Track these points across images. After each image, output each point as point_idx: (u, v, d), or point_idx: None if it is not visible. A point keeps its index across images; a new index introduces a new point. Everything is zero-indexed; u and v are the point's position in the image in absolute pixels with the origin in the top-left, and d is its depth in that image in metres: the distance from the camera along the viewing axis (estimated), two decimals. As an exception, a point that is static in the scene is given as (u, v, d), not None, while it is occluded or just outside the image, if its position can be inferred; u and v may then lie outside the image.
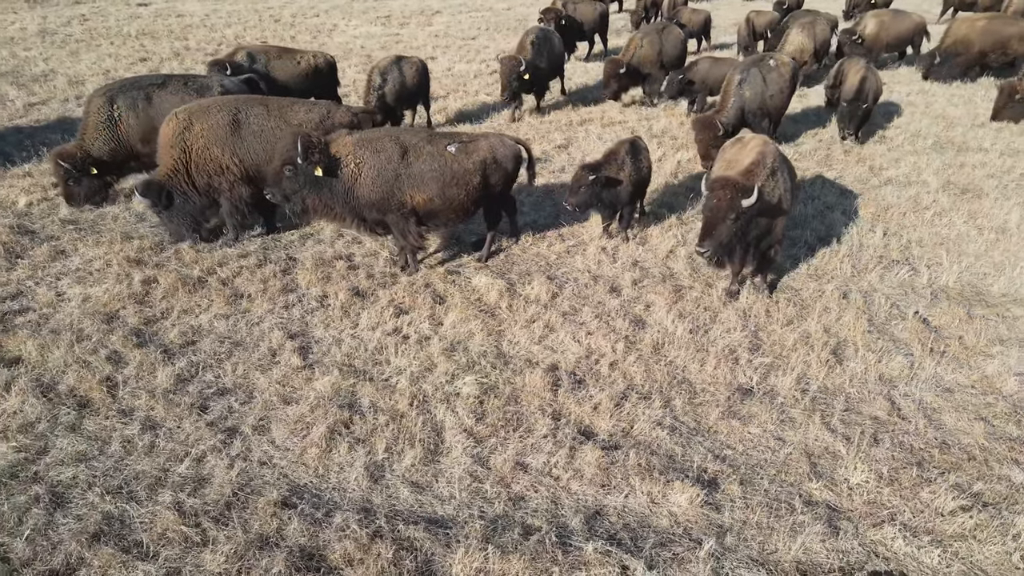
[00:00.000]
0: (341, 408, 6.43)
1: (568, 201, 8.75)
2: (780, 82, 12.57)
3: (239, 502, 5.48)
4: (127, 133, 9.99)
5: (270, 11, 29.60)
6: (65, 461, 5.84)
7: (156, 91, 10.22)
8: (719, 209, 7.00)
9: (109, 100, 9.93)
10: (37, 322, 7.67)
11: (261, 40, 23.34)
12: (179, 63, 19.92)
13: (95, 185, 10.24)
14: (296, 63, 13.39)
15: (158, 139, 9.17)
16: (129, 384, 6.77)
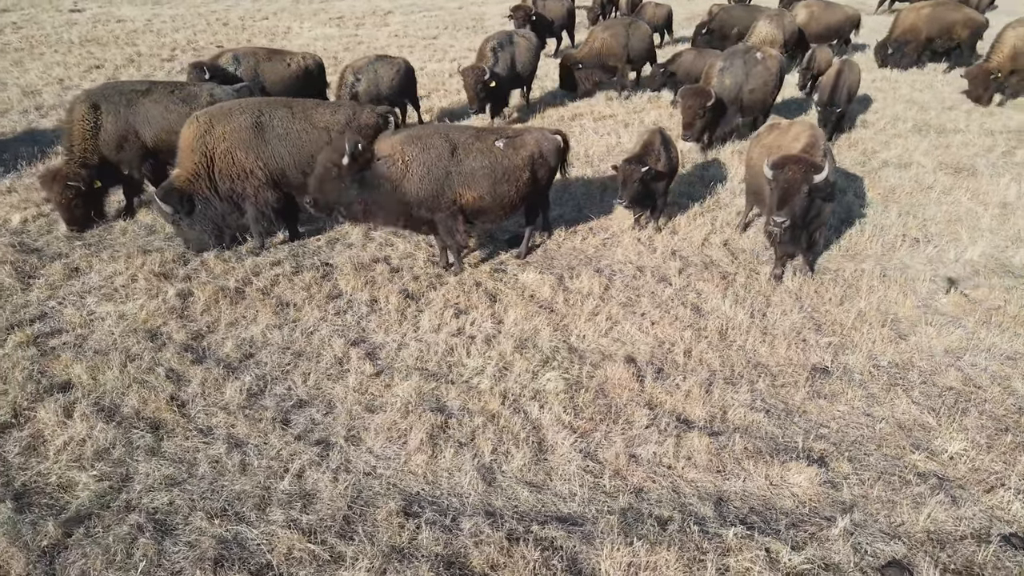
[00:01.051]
0: (432, 412, 6.25)
1: (622, 197, 8.75)
2: (765, 75, 12.50)
3: (357, 515, 5.27)
4: (104, 140, 9.47)
5: (215, 14, 28.62)
6: (155, 487, 5.50)
7: (140, 98, 9.70)
8: (794, 182, 7.16)
9: (93, 106, 9.38)
10: (75, 344, 7.21)
11: (216, 44, 22.56)
12: (136, 69, 19.09)
13: (97, 200, 9.69)
14: (287, 65, 12.89)
15: (178, 143, 8.72)
16: (198, 402, 6.43)
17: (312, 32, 25.36)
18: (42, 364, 6.85)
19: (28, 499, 5.36)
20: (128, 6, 30.31)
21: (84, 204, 9.39)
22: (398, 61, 13.47)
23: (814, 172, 7.18)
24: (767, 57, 12.61)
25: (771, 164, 7.37)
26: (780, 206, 7.27)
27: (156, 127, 9.71)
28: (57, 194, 9.21)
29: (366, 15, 29.19)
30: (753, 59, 12.47)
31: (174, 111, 9.82)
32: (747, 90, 12.33)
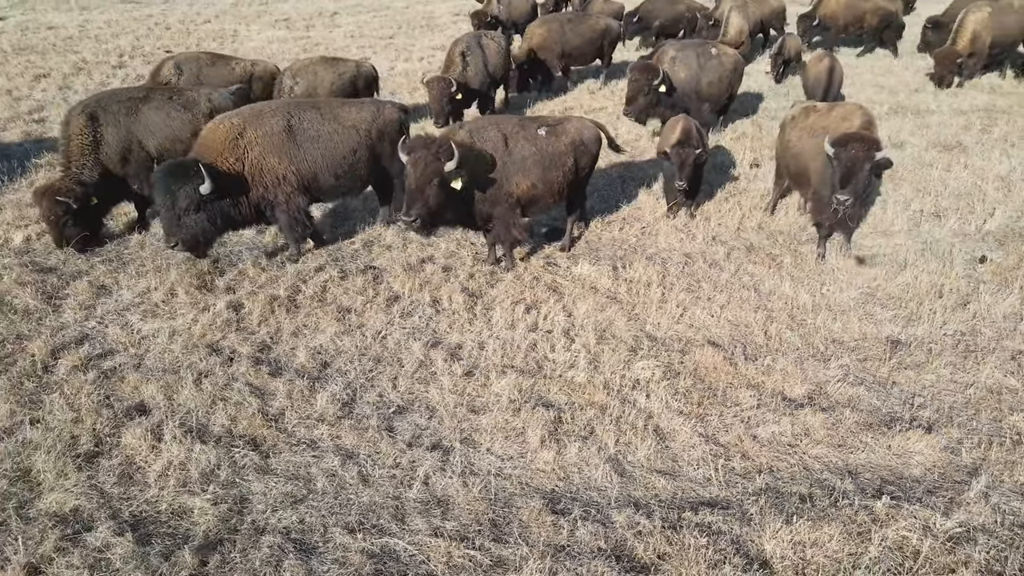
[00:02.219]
0: (542, 408, 6.14)
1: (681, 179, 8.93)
2: (720, 71, 12.41)
3: (501, 518, 5.12)
4: (107, 153, 8.88)
5: (151, 19, 27.41)
6: (277, 505, 5.21)
7: (140, 106, 9.16)
8: (857, 160, 7.32)
9: (91, 118, 8.80)
10: (134, 364, 6.77)
11: (164, 49, 21.62)
12: (87, 77, 18.12)
13: (93, 219, 9.01)
14: (231, 70, 12.00)
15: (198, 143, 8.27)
16: (291, 415, 6.13)
17: (261, 35, 24.58)
18: (108, 387, 6.40)
19: (145, 530, 5.00)
20: (54, 13, 28.73)
21: (76, 223, 8.67)
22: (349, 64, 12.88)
23: (876, 149, 7.37)
24: (723, 54, 12.59)
25: (833, 142, 7.52)
26: (844, 184, 7.44)
27: (160, 136, 9.20)
28: (46, 210, 8.51)
29: (312, 16, 28.51)
30: (708, 54, 12.37)
31: (176, 118, 9.34)
32: (704, 82, 12.25)
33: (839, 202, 7.54)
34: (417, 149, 7.13)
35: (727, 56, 12.66)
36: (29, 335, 7.19)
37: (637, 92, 11.32)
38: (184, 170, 7.56)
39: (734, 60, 12.79)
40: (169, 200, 7.49)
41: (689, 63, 12.12)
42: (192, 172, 7.51)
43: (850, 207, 7.65)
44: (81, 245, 8.82)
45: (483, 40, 14.10)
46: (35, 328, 7.31)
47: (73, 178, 8.68)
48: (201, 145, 8.08)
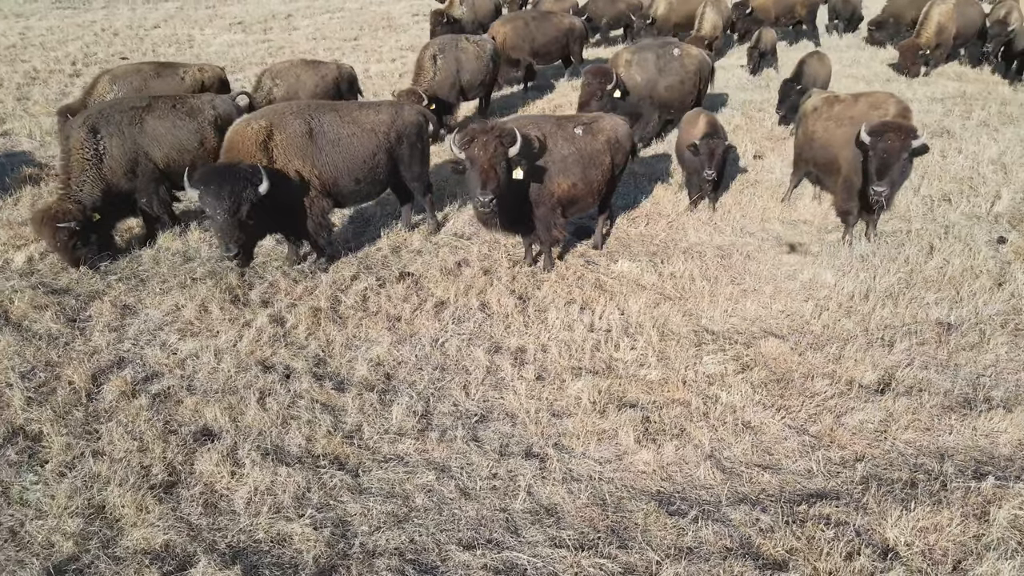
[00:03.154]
0: (628, 409, 6.05)
1: (711, 169, 8.91)
2: (681, 73, 11.83)
3: (618, 523, 5.01)
4: (111, 168, 8.39)
5: (96, 24, 26.24)
6: (381, 526, 4.99)
7: (143, 115, 8.66)
8: (894, 150, 7.42)
9: (92, 131, 8.30)
10: (185, 386, 6.41)
11: (120, 56, 20.75)
12: (43, 85, 17.28)
13: (101, 233, 8.50)
14: (180, 79, 11.08)
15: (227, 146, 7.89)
16: (368, 430, 5.89)
17: (219, 40, 23.79)
18: (166, 413, 6.04)
19: (249, 561, 4.71)
20: (-10, 21, 27.22)
21: (85, 241, 8.21)
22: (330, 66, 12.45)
23: (913, 137, 7.49)
24: (685, 55, 11.95)
25: (869, 131, 7.61)
26: (881, 174, 7.54)
27: (166, 146, 8.74)
28: (49, 238, 8.05)
29: (266, 19, 27.75)
30: (668, 55, 11.79)
31: (182, 127, 8.89)
32: (663, 86, 11.71)
33: (876, 192, 7.63)
34: (478, 134, 6.96)
35: (690, 57, 11.99)
36: (60, 361, 6.74)
37: (590, 96, 10.79)
38: (243, 172, 7.17)
39: (698, 61, 12.08)
40: (232, 204, 6.98)
41: (646, 65, 11.62)
42: (250, 173, 7.16)
43: (888, 196, 7.75)
44: (95, 260, 8.35)
45: (461, 44, 13.50)
46: (64, 354, 6.85)
47: (71, 198, 8.14)
48: (231, 148, 7.72)
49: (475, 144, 6.91)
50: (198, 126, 8.98)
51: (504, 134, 6.92)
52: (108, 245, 8.66)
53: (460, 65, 13.22)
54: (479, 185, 6.90)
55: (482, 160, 6.87)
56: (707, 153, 8.87)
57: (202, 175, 7.14)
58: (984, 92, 15.78)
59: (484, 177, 6.88)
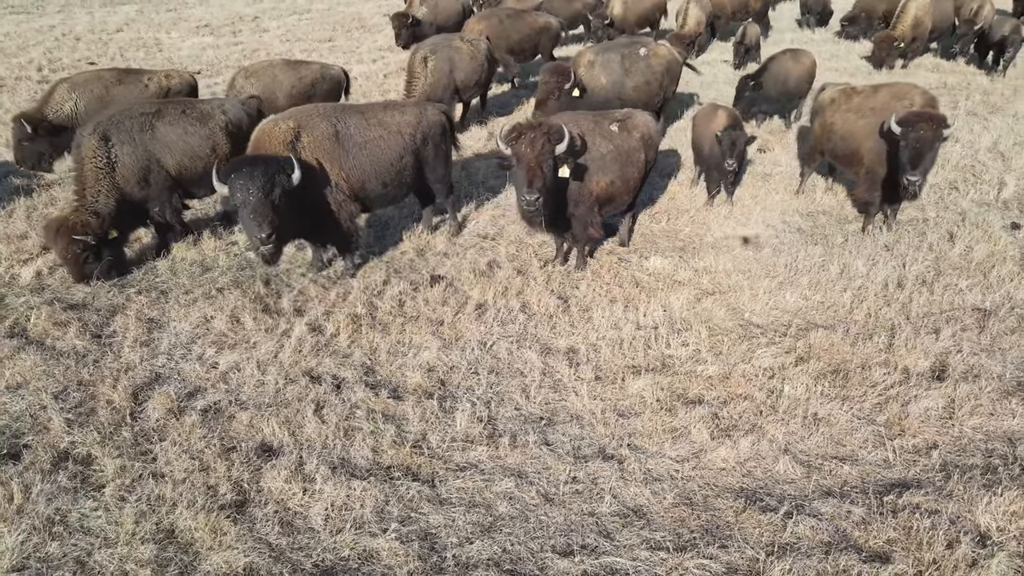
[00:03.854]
0: (694, 405, 6.00)
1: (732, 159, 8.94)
2: (648, 74, 11.40)
3: (710, 522, 4.95)
4: (124, 176, 8.07)
5: (55, 29, 25.33)
6: (470, 537, 4.85)
7: (153, 121, 8.33)
8: (927, 140, 7.49)
9: (103, 139, 7.96)
10: (234, 401, 6.16)
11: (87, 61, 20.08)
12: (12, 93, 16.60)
13: (114, 250, 8.12)
14: (144, 87, 10.55)
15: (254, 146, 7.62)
16: (436, 439, 5.73)
17: (188, 43, 23.19)
18: (220, 429, 5.79)
19: (341, 581, 4.52)
20: (-61, 28, 26.11)
21: (96, 256, 7.86)
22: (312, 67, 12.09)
23: (944, 126, 7.58)
24: (652, 55, 11.51)
25: (900, 122, 7.67)
26: (915, 164, 7.60)
27: (179, 153, 8.44)
28: (62, 250, 7.68)
29: (233, 21, 27.16)
30: (635, 56, 11.37)
31: (193, 133, 8.59)
32: (630, 87, 11.30)
33: (911, 182, 7.70)
34: (526, 130, 6.84)
35: (658, 57, 11.59)
36: (93, 380, 6.43)
37: (547, 95, 10.48)
38: (275, 159, 6.94)
39: (666, 62, 11.67)
40: (266, 184, 6.66)
41: (611, 66, 11.20)
42: (284, 161, 6.93)
43: (920, 185, 7.83)
44: (105, 275, 8.01)
45: (454, 43, 13.17)
46: (96, 372, 6.54)
47: (88, 209, 7.81)
48: (259, 147, 7.45)
49: (522, 141, 6.79)
50: (209, 132, 8.68)
51: (551, 131, 6.82)
52: (119, 261, 8.26)
53: (454, 65, 12.93)
54: (525, 183, 6.78)
55: (529, 158, 6.75)
56: (729, 144, 8.88)
57: (233, 164, 6.91)
58: (964, 83, 16.17)
59: (530, 175, 6.77)
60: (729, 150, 8.89)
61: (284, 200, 6.83)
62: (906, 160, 7.67)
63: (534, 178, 6.77)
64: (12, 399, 6.16)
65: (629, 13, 19.66)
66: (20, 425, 5.88)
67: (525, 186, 6.79)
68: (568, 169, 7.01)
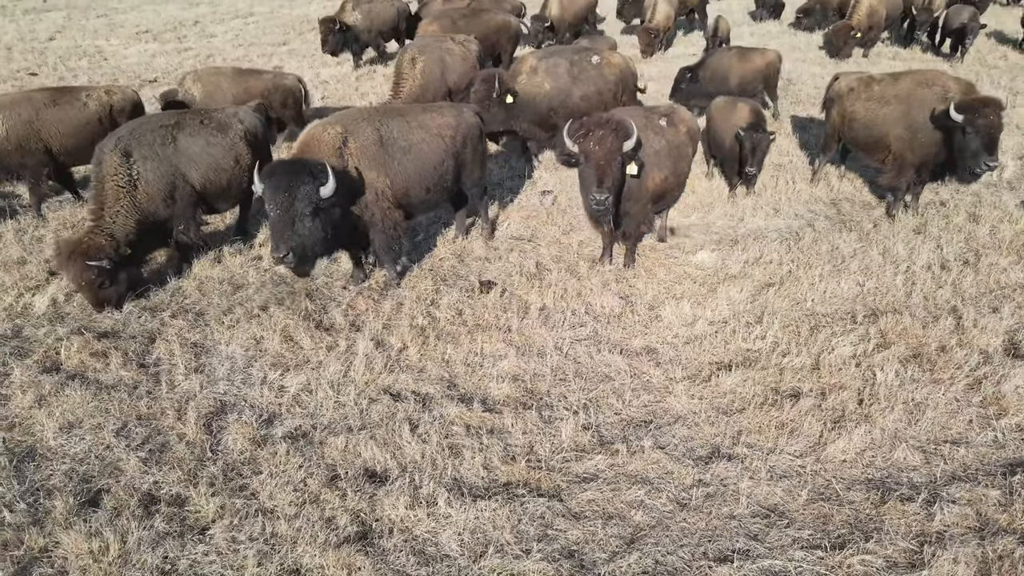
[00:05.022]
0: (799, 398, 5.94)
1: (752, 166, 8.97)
2: (599, 82, 10.58)
3: (855, 517, 4.89)
4: (147, 194, 7.51)
5: (-21, 39, 23.77)
6: (617, 551, 4.67)
7: (174, 133, 7.81)
8: (996, 125, 7.60)
9: (124, 154, 7.41)
10: (317, 426, 5.80)
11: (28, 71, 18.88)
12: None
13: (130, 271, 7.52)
14: (83, 105, 9.42)
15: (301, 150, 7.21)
16: (544, 451, 5.51)
17: (132, 50, 22.11)
18: (313, 457, 5.43)
19: (501, 609, 4.27)
20: None
21: (113, 281, 7.28)
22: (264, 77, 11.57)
23: (1002, 109, 7.70)
24: (605, 63, 10.76)
25: (961, 108, 7.68)
26: (991, 149, 7.63)
27: (203, 166, 7.92)
28: (76, 276, 7.07)
29: (175, 26, 26.01)
30: (585, 62, 10.61)
31: (216, 144, 8.08)
32: (578, 96, 10.48)
33: (988, 168, 7.77)
34: (593, 127, 6.68)
35: (611, 66, 10.79)
36: (152, 413, 5.95)
37: (479, 104, 9.75)
38: (306, 167, 6.52)
39: (619, 69, 10.86)
40: (288, 198, 6.35)
41: (557, 72, 10.38)
42: (317, 170, 6.50)
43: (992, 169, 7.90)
44: (119, 305, 7.42)
45: (445, 44, 12.89)
46: (154, 404, 6.06)
47: (105, 231, 7.23)
48: (306, 152, 7.06)
49: (590, 138, 6.63)
50: (230, 142, 8.19)
51: (620, 127, 6.67)
52: (136, 284, 7.69)
53: (446, 67, 12.56)
54: (595, 182, 6.62)
55: (598, 156, 6.59)
56: (751, 148, 8.90)
57: (270, 167, 6.60)
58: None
59: (600, 174, 6.61)
60: (751, 154, 8.91)
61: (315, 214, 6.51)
62: (979, 146, 7.70)
63: (604, 176, 6.61)
64: (69, 440, 5.63)
65: (566, 13, 19.29)
66: (87, 468, 5.38)
67: (595, 185, 6.62)
68: (636, 167, 6.87)
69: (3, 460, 5.36)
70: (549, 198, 10.02)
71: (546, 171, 10.95)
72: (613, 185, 6.66)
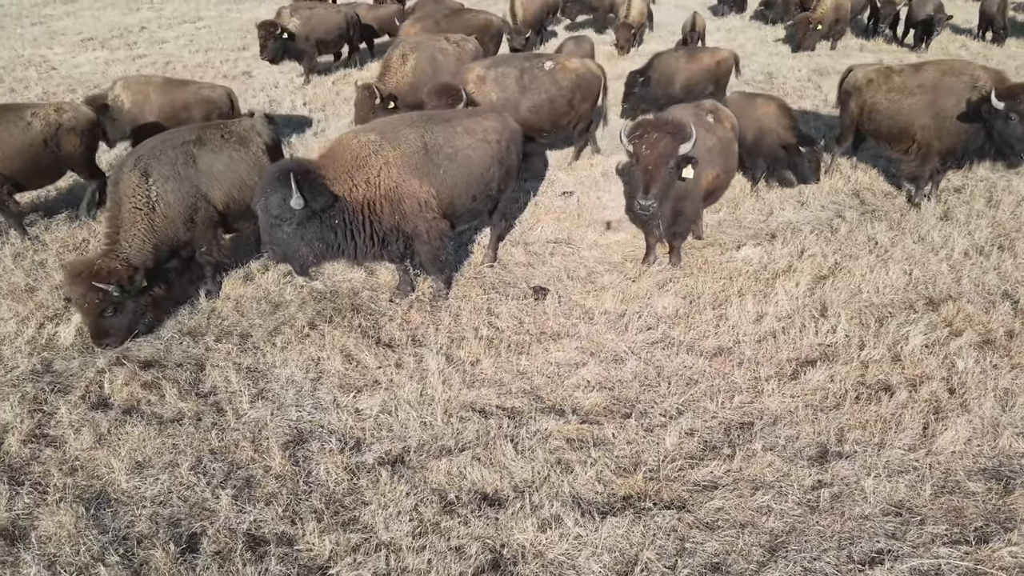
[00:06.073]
0: (888, 391, 5.93)
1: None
2: (552, 91, 9.95)
3: (984, 509, 4.89)
4: (167, 217, 6.96)
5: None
6: (763, 561, 4.55)
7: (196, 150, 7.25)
8: None
9: (143, 175, 6.87)
10: (410, 449, 5.52)
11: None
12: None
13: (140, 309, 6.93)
14: (26, 124, 8.51)
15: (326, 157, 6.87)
16: (653, 460, 5.36)
17: (80, 59, 21.04)
18: (420, 484, 5.16)
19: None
20: None
21: (118, 311, 6.69)
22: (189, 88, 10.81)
23: None
24: (559, 69, 10.04)
25: (1003, 95, 7.72)
26: None
27: (226, 184, 7.34)
28: (79, 296, 6.52)
29: (121, 32, 24.81)
30: (538, 69, 10.01)
31: (240, 160, 7.52)
32: (526, 107, 9.87)
33: None
34: (648, 128, 6.56)
35: (566, 72, 10.07)
36: (225, 446, 5.58)
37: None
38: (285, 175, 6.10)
39: (576, 75, 10.13)
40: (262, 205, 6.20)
41: (505, 81, 9.84)
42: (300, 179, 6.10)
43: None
44: (120, 341, 6.82)
45: (439, 44, 12.55)
46: (223, 435, 5.68)
47: (121, 256, 6.71)
48: (326, 157, 6.77)
49: (644, 140, 6.50)
50: (253, 157, 7.65)
51: (678, 129, 6.55)
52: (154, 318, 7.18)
53: (438, 67, 12.24)
54: (641, 187, 6.54)
55: (648, 160, 6.49)
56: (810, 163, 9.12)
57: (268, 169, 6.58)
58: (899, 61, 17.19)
59: (647, 179, 6.51)
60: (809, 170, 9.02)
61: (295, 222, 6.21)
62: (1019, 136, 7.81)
63: (651, 182, 6.51)
64: (144, 481, 5.21)
65: (527, 14, 18.64)
66: (172, 511, 4.99)
67: (641, 190, 6.51)
68: (692, 169, 6.74)
69: (77, 508, 4.91)
70: (572, 199, 9.86)
71: (561, 171, 10.75)
72: (661, 191, 6.57)
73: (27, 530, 4.82)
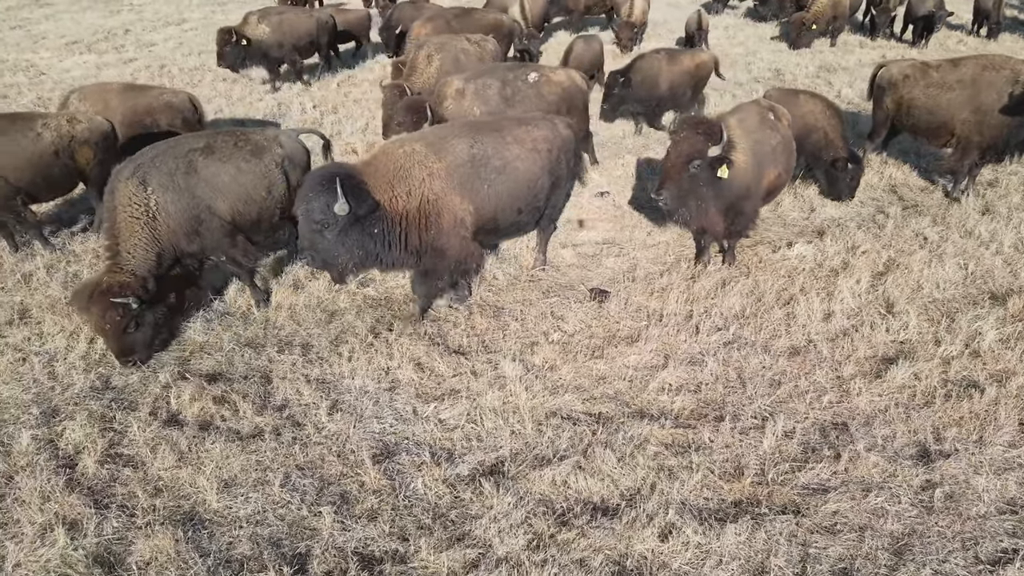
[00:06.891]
0: (976, 388, 5.93)
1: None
2: (537, 103, 9.33)
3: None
4: (168, 228, 6.63)
5: None
6: (892, 566, 4.49)
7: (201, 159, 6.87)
8: None
9: (141, 184, 6.54)
10: (504, 459, 5.38)
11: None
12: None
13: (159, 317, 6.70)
14: (36, 135, 8.07)
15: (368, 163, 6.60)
16: (754, 464, 5.29)
17: (69, 63, 20.51)
18: (524, 494, 5.03)
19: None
20: None
21: (140, 324, 6.41)
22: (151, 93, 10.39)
23: None
24: (545, 81, 9.52)
25: None
26: None
27: (232, 195, 6.97)
28: (98, 318, 6.22)
29: (106, 35, 24.25)
30: (522, 81, 9.46)
31: (248, 171, 7.10)
32: None
33: None
34: (684, 128, 6.64)
35: (552, 84, 9.56)
36: (312, 461, 5.40)
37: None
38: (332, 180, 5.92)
39: (562, 88, 9.59)
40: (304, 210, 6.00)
41: (487, 94, 9.30)
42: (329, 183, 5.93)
43: None
44: (147, 353, 6.60)
45: (461, 44, 12.37)
46: (306, 450, 5.51)
47: (126, 269, 6.42)
48: (368, 164, 6.50)
49: (673, 137, 6.59)
50: (265, 169, 7.19)
51: (708, 131, 6.52)
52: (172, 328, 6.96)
53: (460, 67, 12.09)
54: (658, 183, 6.64)
55: (669, 158, 6.60)
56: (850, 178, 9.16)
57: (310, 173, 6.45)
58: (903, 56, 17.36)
59: (663, 176, 6.67)
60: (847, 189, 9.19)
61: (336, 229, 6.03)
62: None
63: (666, 179, 6.66)
64: (235, 501, 5.02)
65: (533, 15, 18.53)
66: (272, 530, 4.80)
67: (657, 185, 6.59)
68: (727, 170, 6.67)
69: (173, 531, 4.70)
70: (608, 199, 9.77)
71: (594, 171, 10.63)
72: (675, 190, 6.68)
73: (122, 556, 4.61)
